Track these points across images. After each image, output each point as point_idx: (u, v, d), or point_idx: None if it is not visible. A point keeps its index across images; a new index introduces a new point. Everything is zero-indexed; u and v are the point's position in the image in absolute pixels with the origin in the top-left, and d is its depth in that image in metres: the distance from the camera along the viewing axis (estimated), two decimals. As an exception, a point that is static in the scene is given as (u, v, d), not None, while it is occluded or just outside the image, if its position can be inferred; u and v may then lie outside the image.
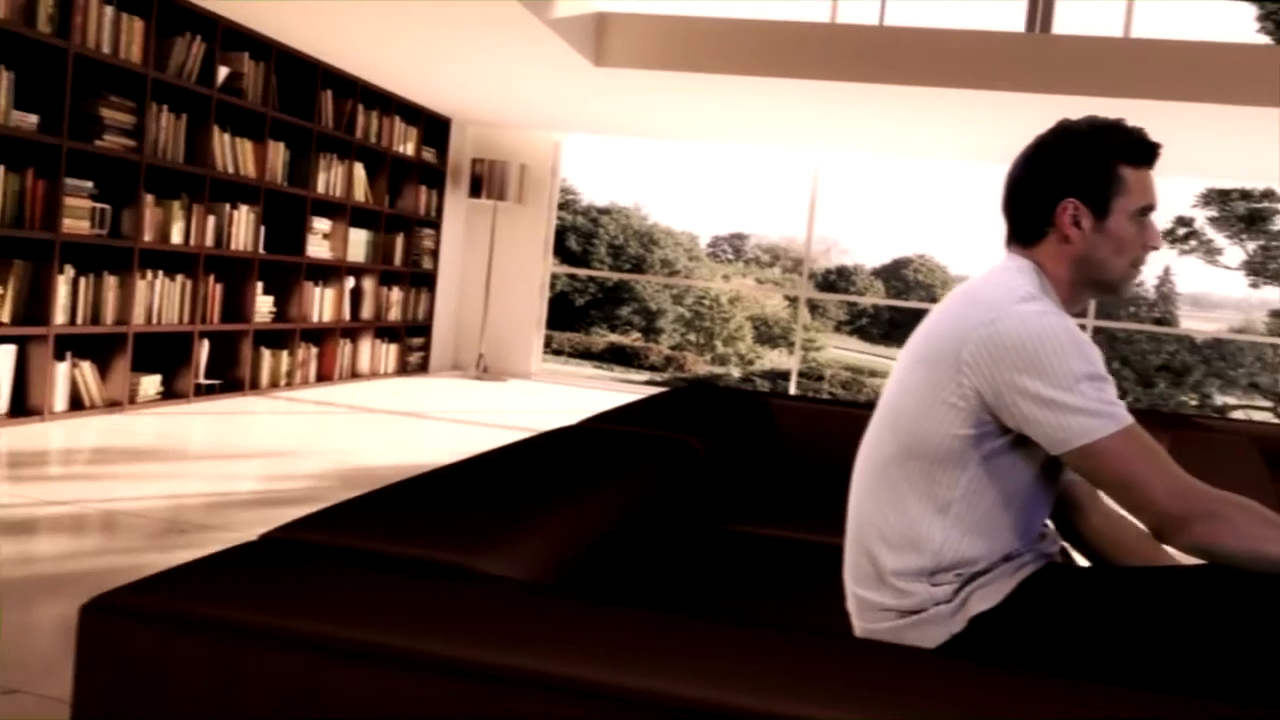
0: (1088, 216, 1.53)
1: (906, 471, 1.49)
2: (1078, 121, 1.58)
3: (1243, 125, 6.14)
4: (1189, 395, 15.68)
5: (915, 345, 1.54)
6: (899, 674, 1.06)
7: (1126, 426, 1.38)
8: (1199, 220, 15.84)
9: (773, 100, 6.56)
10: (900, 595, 1.49)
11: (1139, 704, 0.99)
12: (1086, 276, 1.55)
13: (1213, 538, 1.35)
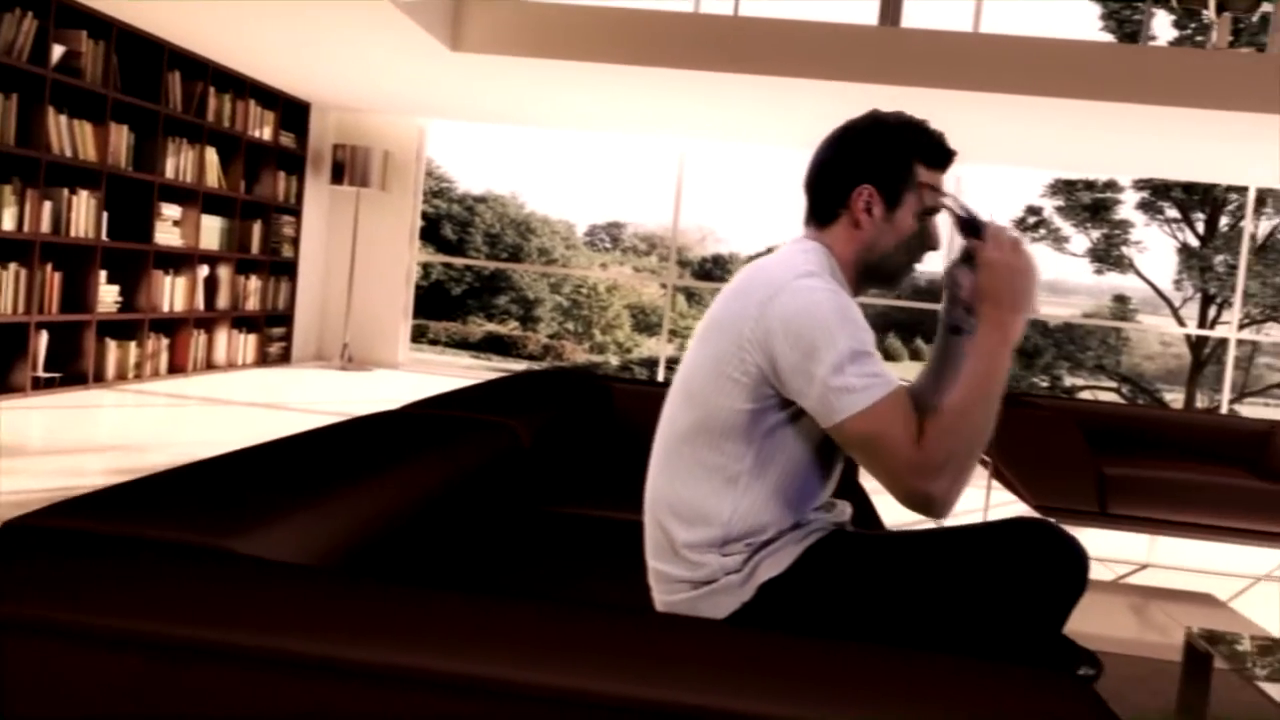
0: (880, 205, 1.59)
1: (696, 445, 1.53)
2: (888, 114, 1.64)
3: (1086, 119, 6.44)
4: (1040, 377, 16.40)
5: (705, 322, 1.58)
6: (678, 646, 1.09)
7: (881, 400, 1.41)
8: (1047, 209, 16.56)
9: (635, 88, 6.59)
10: (693, 567, 1.53)
11: (903, 663, 1.04)
12: (869, 263, 1.62)
13: (938, 506, 1.42)
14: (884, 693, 0.93)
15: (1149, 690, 2.62)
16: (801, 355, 1.43)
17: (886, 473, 1.43)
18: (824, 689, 0.96)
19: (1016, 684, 0.96)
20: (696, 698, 0.94)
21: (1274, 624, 3.47)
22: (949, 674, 1.02)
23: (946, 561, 1.49)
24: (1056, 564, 1.45)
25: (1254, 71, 5.93)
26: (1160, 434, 4.41)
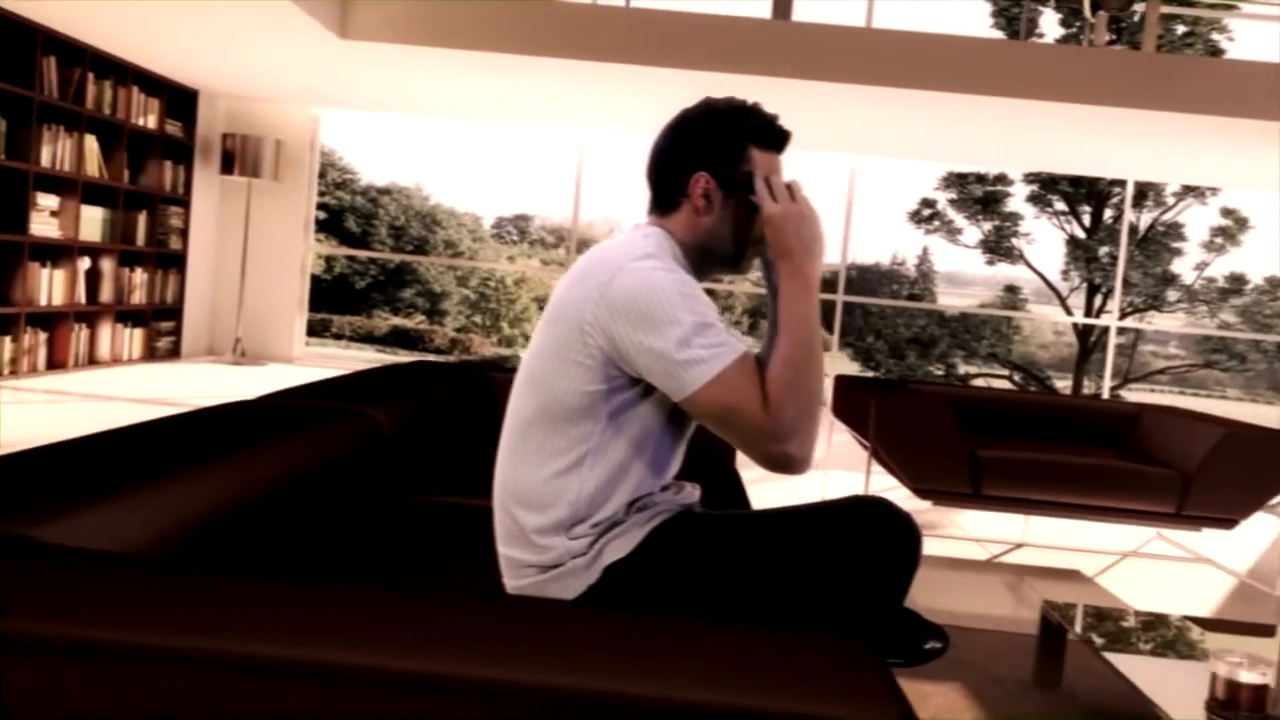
0: (718, 191, 1.61)
1: (541, 431, 1.54)
2: (720, 100, 1.66)
3: (977, 113, 6.61)
4: (936, 365, 16.82)
5: (549, 308, 1.59)
6: (521, 626, 1.10)
7: (729, 366, 1.45)
8: (941, 202, 16.98)
9: (530, 79, 6.57)
10: (540, 551, 1.54)
11: (740, 639, 1.07)
12: (709, 248, 1.64)
13: (791, 466, 1.46)
14: (692, 666, 0.95)
15: (1010, 663, 2.71)
16: (645, 333, 1.45)
17: (742, 438, 1.47)
18: (647, 665, 0.98)
19: (816, 652, 0.99)
20: (523, 676, 0.95)
21: (1136, 598, 3.62)
22: (762, 646, 1.05)
23: (788, 540, 1.53)
24: (891, 540, 1.50)
25: (1128, 68, 6.17)
26: (1034, 418, 4.57)
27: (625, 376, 1.51)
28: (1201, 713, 1.92)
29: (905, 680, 2.51)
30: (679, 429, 1.63)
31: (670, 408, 1.56)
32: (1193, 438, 3.97)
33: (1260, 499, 3.77)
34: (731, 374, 1.46)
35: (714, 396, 1.45)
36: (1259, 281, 16.00)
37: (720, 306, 32.33)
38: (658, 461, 1.60)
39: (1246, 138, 6.55)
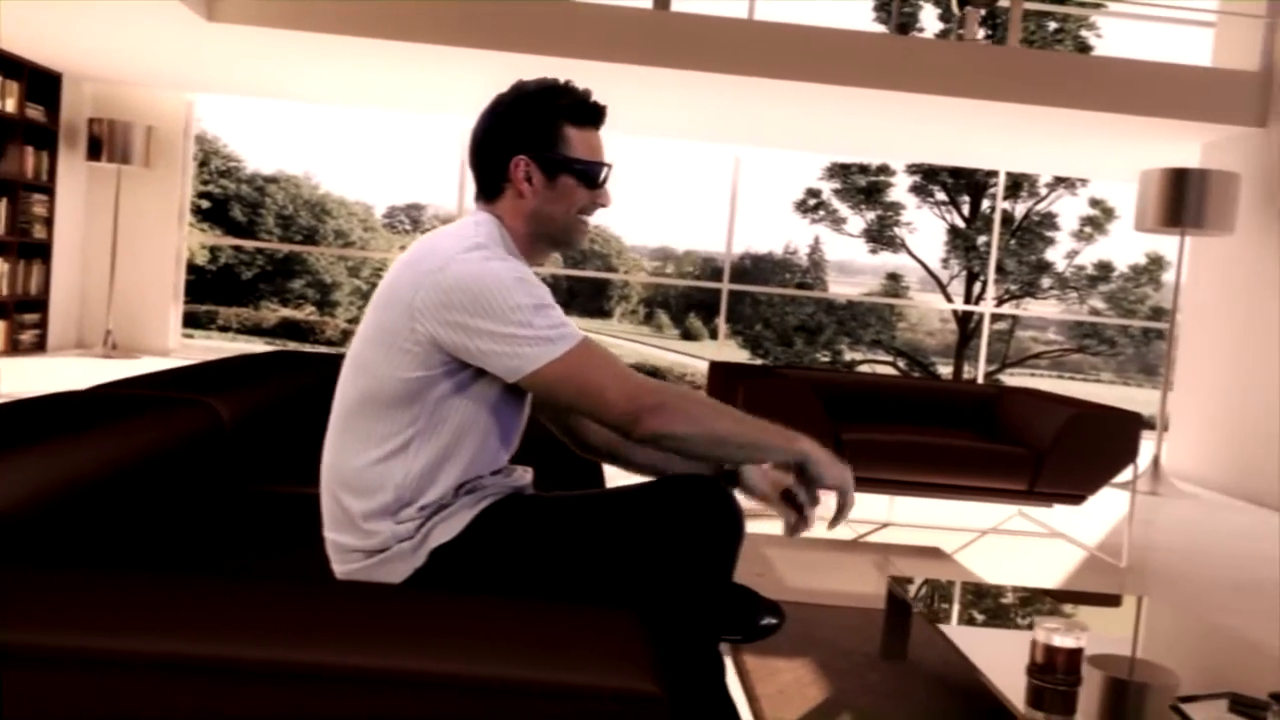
0: (538, 173, 1.63)
1: (368, 415, 1.55)
2: (530, 82, 1.67)
3: (858, 106, 6.76)
4: (822, 352, 17.19)
5: (378, 293, 1.59)
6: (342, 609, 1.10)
7: (570, 349, 1.49)
8: (825, 192, 17.33)
9: (407, 65, 6.49)
10: (366, 536, 1.55)
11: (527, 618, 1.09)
12: (539, 230, 1.66)
13: (665, 423, 1.50)
14: (472, 644, 0.97)
15: (862, 637, 2.80)
16: (481, 318, 1.46)
17: (592, 411, 1.51)
18: (427, 643, 0.99)
19: (590, 627, 1.02)
20: (329, 658, 0.96)
21: (992, 572, 3.77)
22: (544, 623, 1.08)
23: (613, 519, 1.55)
24: (711, 516, 1.53)
25: (998, 63, 6.38)
26: (900, 402, 4.71)
27: (454, 362, 1.52)
28: (1023, 677, 2.02)
29: (755, 656, 2.57)
30: (513, 413, 1.65)
31: (502, 392, 1.58)
32: (1044, 418, 4.14)
33: (1105, 475, 3.96)
34: (582, 349, 1.50)
35: (559, 375, 1.48)
36: (1124, 269, 16.75)
37: (617, 296, 32.29)
38: (488, 446, 1.61)
39: (1112, 131, 6.84)
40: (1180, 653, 2.49)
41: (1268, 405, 6.04)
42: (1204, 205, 5.84)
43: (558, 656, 0.90)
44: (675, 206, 34.48)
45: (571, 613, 1.02)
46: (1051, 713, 1.94)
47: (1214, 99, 6.38)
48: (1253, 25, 6.54)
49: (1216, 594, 3.81)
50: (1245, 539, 4.91)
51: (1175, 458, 6.92)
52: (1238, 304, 6.48)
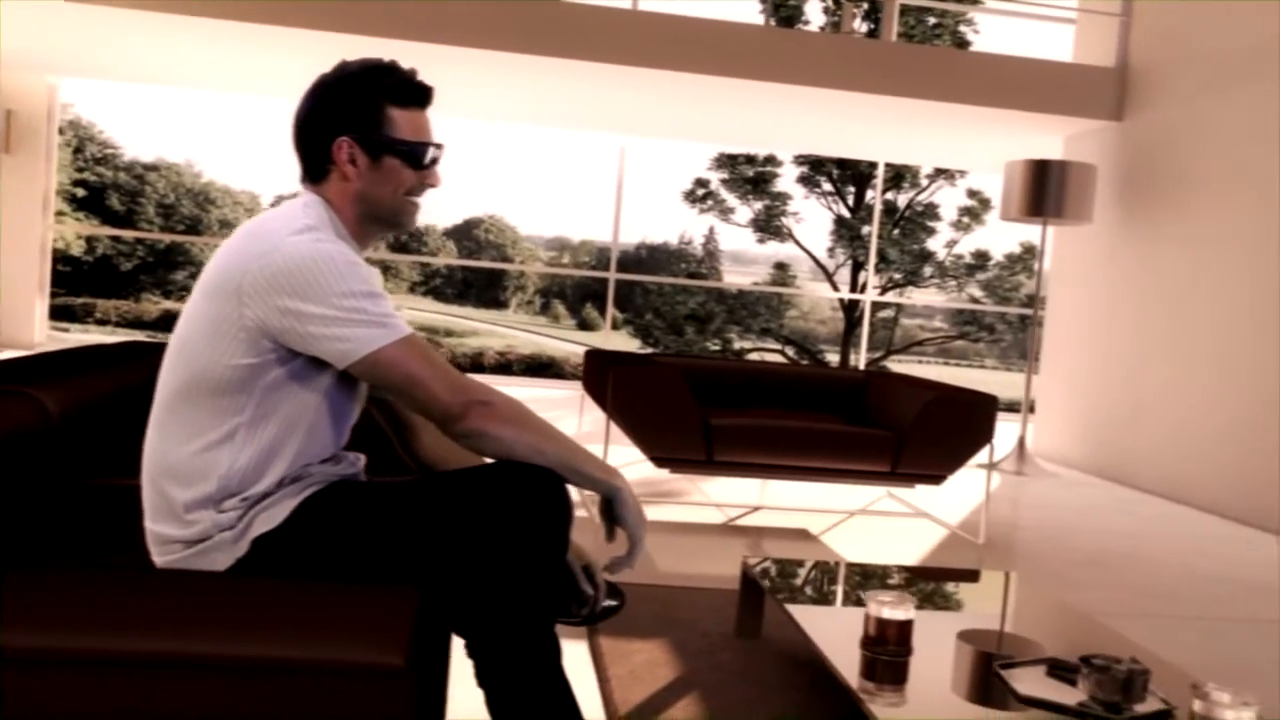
0: (362, 155, 1.62)
1: (192, 404, 1.52)
2: (353, 62, 1.66)
3: (744, 97, 6.84)
4: (712, 341, 17.40)
5: (203, 278, 1.56)
6: (121, 595, 1.08)
7: (405, 336, 1.50)
8: (714, 182, 17.53)
9: (280, 50, 6.34)
10: (187, 526, 1.52)
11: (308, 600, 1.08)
12: (367, 212, 1.65)
13: (485, 422, 1.51)
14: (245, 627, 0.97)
15: (721, 617, 2.86)
16: (310, 302, 1.45)
17: (420, 399, 1.51)
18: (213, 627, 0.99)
19: (361, 606, 1.02)
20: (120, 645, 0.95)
21: (856, 551, 3.88)
22: (322, 604, 1.08)
23: (443, 504, 1.55)
24: (541, 498, 1.54)
25: (871, 56, 6.53)
26: (772, 387, 4.80)
27: (282, 350, 1.50)
28: (857, 650, 2.09)
29: (610, 638, 2.60)
30: (345, 401, 1.64)
31: (334, 380, 1.57)
32: (906, 402, 4.27)
33: (964, 456, 4.10)
34: (414, 342, 1.51)
35: (393, 360, 1.49)
36: (1000, 258, 17.33)
37: (513, 286, 32.19)
38: (318, 435, 1.60)
39: (982, 123, 7.06)
40: (1025, 623, 2.60)
41: (1124, 388, 6.33)
42: (1064, 196, 6.07)
43: (318, 636, 0.90)
44: (570, 196, 34.49)
45: (351, 594, 1.03)
46: (883, 683, 2.01)
47: (1074, 94, 6.63)
48: (1110, 23, 6.82)
49: (1067, 567, 3.98)
50: (1099, 515, 5.14)
51: (1042, 439, 7.20)
52: (1097, 291, 6.76)
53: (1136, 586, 3.73)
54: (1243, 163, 5.47)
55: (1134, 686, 1.86)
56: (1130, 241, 6.43)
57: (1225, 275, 5.52)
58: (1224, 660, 2.94)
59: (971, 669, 2.05)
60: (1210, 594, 3.72)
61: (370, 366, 1.49)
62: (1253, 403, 5.21)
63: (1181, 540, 4.65)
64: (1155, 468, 5.93)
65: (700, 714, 2.19)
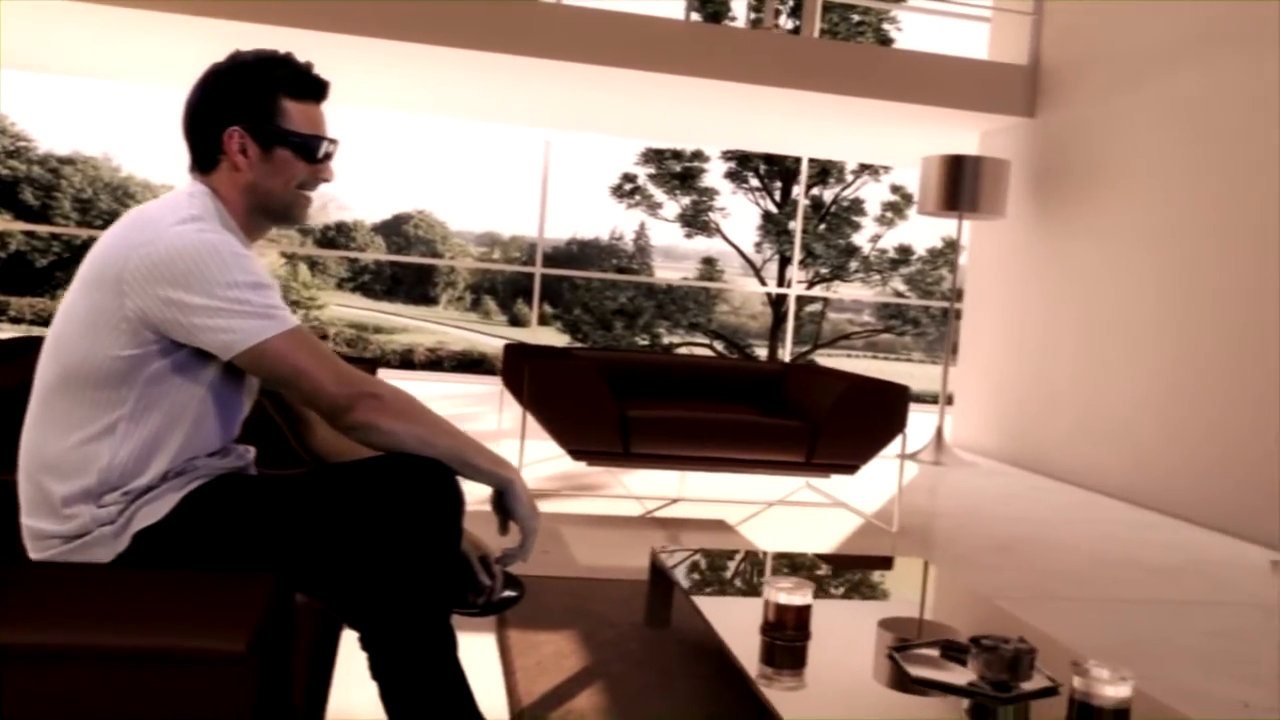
0: (254, 146, 1.60)
1: (72, 396, 1.49)
2: (248, 52, 1.64)
3: (668, 92, 6.86)
4: (641, 336, 17.46)
5: (83, 268, 1.53)
6: None
7: (292, 327, 1.49)
8: (641, 177, 17.57)
9: (195, 41, 6.21)
10: (65, 520, 1.49)
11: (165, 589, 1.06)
12: (257, 204, 1.63)
13: (373, 415, 1.50)
14: (102, 617, 0.95)
15: (631, 608, 2.87)
16: (194, 293, 1.43)
17: (307, 392, 1.49)
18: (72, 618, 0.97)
19: (211, 591, 1.02)
20: None
21: (770, 541, 3.92)
22: (178, 592, 1.07)
23: (332, 496, 1.54)
24: (431, 489, 1.53)
25: (792, 52, 6.59)
26: (692, 380, 4.83)
27: (164, 341, 1.48)
28: (757, 636, 2.11)
29: (519, 630, 2.60)
30: (232, 395, 1.62)
31: (220, 373, 1.55)
32: (821, 393, 4.32)
33: (876, 446, 4.16)
34: (301, 334, 1.50)
35: (278, 352, 1.47)
36: (923, 252, 17.63)
37: (443, 282, 31.86)
38: (204, 428, 1.57)
39: (902, 119, 7.16)
40: (930, 608, 2.65)
41: (1036, 378, 6.48)
42: (978, 190, 6.19)
43: (166, 624, 0.89)
44: (501, 191, 34.31)
45: (208, 583, 1.01)
46: (781, 667, 2.03)
47: (989, 91, 6.77)
48: (1023, 21, 6.96)
49: (978, 552, 4.07)
50: (1012, 502, 5.26)
51: (960, 430, 7.34)
52: (1012, 284, 6.91)
53: (1043, 570, 3.83)
54: (1148, 158, 5.63)
55: (1021, 665, 1.90)
56: (1043, 235, 6.58)
57: (1131, 267, 5.68)
58: (1119, 639, 3.03)
59: (868, 652, 2.08)
60: (1112, 576, 3.83)
61: (255, 358, 1.48)
62: (1156, 391, 5.37)
63: (1089, 525, 4.77)
64: (1066, 456, 6.08)
65: (601, 703, 2.19)
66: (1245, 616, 3.39)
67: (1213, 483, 4.94)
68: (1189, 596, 3.61)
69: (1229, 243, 4.99)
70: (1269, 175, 4.77)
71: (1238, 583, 3.86)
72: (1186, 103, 5.36)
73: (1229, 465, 4.85)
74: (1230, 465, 4.84)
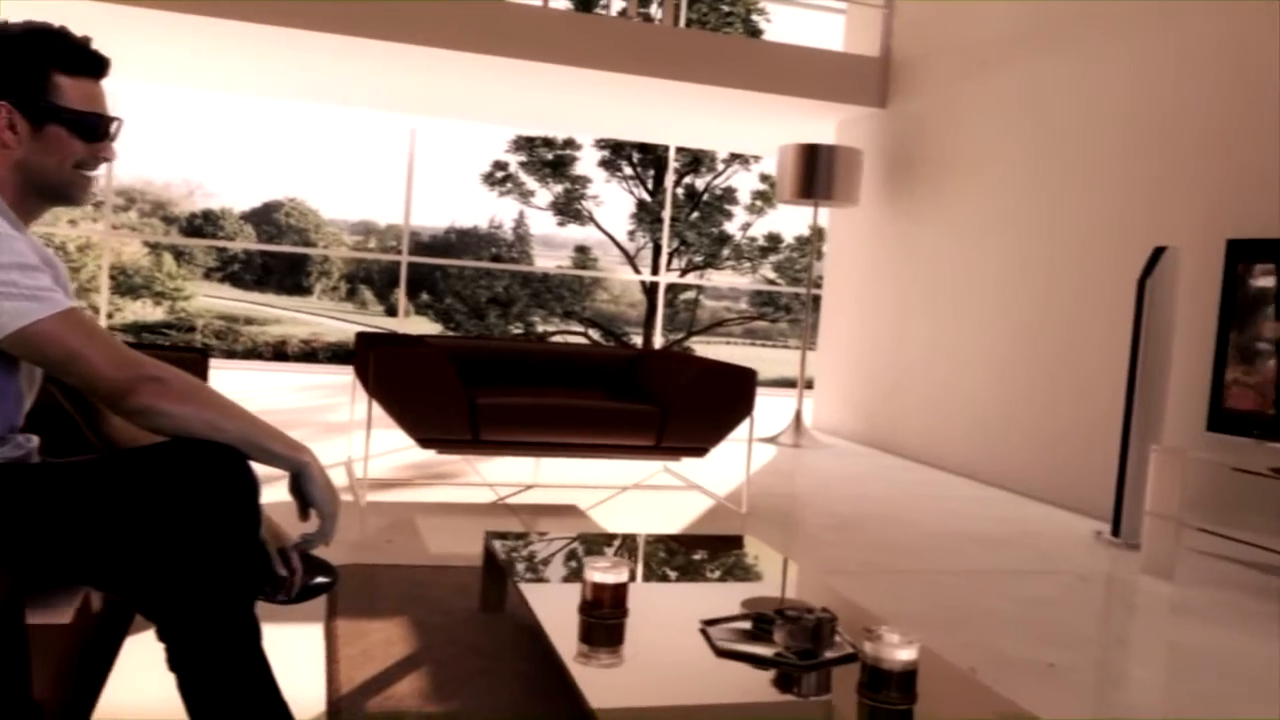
0: (23, 122, 1.55)
1: None
2: (16, 24, 1.58)
3: (536, 79, 6.82)
4: (515, 324, 17.39)
5: None
6: None
7: (63, 310, 1.44)
8: (513, 165, 17.49)
9: (100, 27, 5.92)
10: None
11: None
12: (29, 182, 1.58)
13: (155, 398, 1.46)
14: None
15: (469, 594, 2.87)
16: None
17: (83, 376, 1.45)
18: None
19: None
20: None
21: (621, 524, 3.96)
22: None
23: (121, 484, 1.49)
24: (223, 475, 1.51)
25: (655, 41, 6.64)
26: (550, 367, 4.83)
27: None
28: (575, 616, 2.14)
29: (348, 620, 2.58)
30: (6, 380, 1.56)
31: None
32: (672, 378, 4.39)
33: (725, 428, 4.24)
34: (75, 316, 1.45)
35: (49, 335, 1.43)
36: (791, 240, 18.00)
37: (318, 272, 31.18)
38: None
39: (764, 109, 7.29)
40: (762, 585, 2.73)
41: (888, 362, 6.69)
42: (832, 179, 6.36)
43: None
44: (377, 179, 33.55)
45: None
46: (598, 645, 2.07)
47: (844, 81, 6.94)
48: (876, 14, 7.15)
49: (821, 530, 4.19)
50: (862, 482, 5.43)
51: (821, 413, 7.53)
52: (866, 270, 7.11)
53: (881, 546, 3.96)
54: (988, 148, 5.86)
55: (822, 634, 1.98)
56: (894, 222, 6.79)
57: (973, 253, 5.91)
58: (941, 607, 3.17)
59: (685, 629, 2.13)
60: (944, 549, 3.99)
61: (22, 342, 1.43)
62: (995, 372, 5.60)
63: (931, 502, 4.96)
64: (915, 436, 6.30)
65: (423, 688, 2.20)
66: (1063, 584, 3.58)
67: (1046, 459, 5.19)
68: (1014, 566, 3.79)
69: (1060, 230, 5.23)
70: (1098, 166, 5.02)
71: (1062, 552, 4.07)
72: (1023, 94, 5.60)
73: (1061, 442, 5.10)
74: (1061, 442, 5.09)
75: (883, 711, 1.77)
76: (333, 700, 2.10)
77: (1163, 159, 4.65)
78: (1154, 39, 4.76)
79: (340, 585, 2.08)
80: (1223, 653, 2.93)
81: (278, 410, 6.47)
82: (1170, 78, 4.65)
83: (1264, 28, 4.20)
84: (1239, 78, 4.31)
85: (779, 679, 1.92)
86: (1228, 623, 3.23)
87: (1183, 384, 4.31)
